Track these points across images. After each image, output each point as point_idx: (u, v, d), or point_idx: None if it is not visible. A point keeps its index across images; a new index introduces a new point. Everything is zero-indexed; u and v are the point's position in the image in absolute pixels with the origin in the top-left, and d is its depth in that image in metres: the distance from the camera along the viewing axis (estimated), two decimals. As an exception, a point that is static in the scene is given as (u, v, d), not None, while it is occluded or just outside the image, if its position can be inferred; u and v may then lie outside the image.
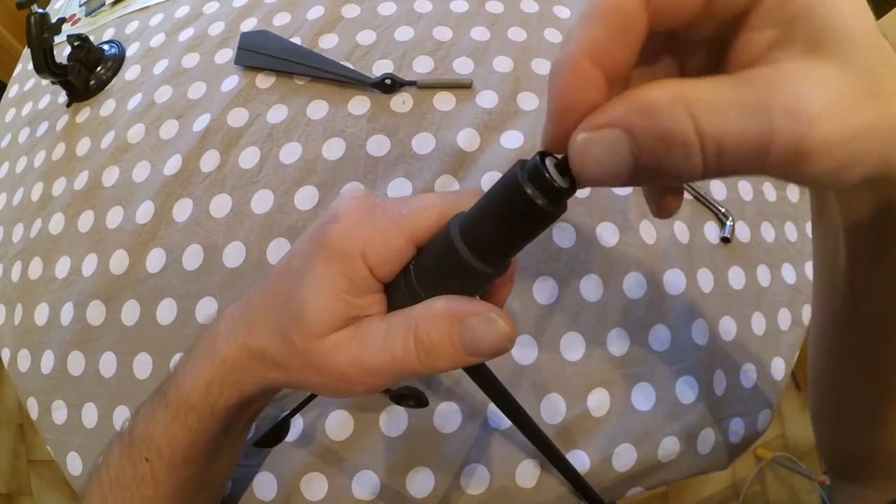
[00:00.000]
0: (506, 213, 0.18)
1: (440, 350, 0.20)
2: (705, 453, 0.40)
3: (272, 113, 0.49)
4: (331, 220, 0.22)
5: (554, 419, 0.39)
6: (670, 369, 0.40)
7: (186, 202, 0.46)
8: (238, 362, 0.24)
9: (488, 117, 0.47)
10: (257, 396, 0.26)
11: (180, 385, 0.26)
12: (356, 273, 0.21)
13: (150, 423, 0.27)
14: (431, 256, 0.21)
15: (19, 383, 0.46)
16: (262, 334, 0.23)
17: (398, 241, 0.21)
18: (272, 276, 0.24)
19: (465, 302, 0.20)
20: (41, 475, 1.31)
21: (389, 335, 0.20)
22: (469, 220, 0.19)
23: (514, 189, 0.17)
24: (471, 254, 0.19)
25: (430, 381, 0.39)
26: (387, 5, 0.54)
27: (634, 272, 0.42)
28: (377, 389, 0.22)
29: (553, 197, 0.16)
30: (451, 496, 0.37)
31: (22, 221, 0.51)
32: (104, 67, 0.56)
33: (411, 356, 0.20)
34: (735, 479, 1.22)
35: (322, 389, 0.23)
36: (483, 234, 0.19)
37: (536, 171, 0.16)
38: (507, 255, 0.20)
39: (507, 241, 0.19)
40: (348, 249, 0.21)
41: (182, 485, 0.28)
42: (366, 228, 0.21)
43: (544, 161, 0.17)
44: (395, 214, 0.21)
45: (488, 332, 0.19)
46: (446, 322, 0.19)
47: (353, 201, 0.22)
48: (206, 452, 0.28)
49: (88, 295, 0.45)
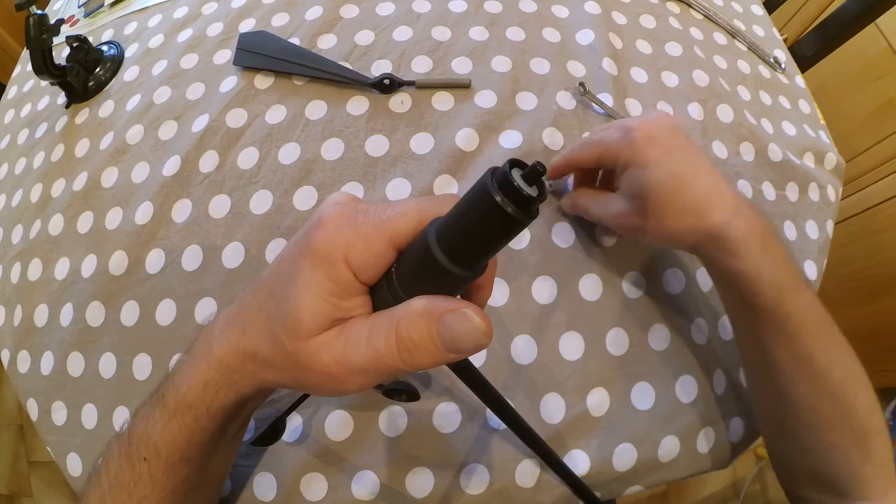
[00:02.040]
0: (478, 219, 0.18)
1: (420, 347, 0.20)
2: (705, 453, 0.40)
3: (271, 113, 0.49)
4: (315, 225, 0.22)
5: (553, 419, 0.39)
6: (670, 369, 0.40)
7: (185, 203, 0.46)
8: (232, 363, 0.25)
9: (487, 117, 0.47)
10: (252, 396, 0.27)
11: (178, 385, 0.27)
12: (340, 276, 0.21)
13: (149, 423, 0.27)
14: (411, 260, 0.21)
15: (19, 384, 0.46)
16: (254, 335, 0.24)
17: (379, 245, 0.21)
18: (263, 279, 0.25)
19: (442, 300, 0.21)
20: (41, 476, 1.31)
21: (372, 334, 0.21)
22: (444, 225, 0.20)
23: (485, 196, 0.17)
24: (446, 258, 0.19)
25: (429, 381, 0.39)
26: (385, 5, 0.54)
27: (634, 272, 0.42)
28: (365, 387, 0.23)
29: (522, 204, 0.17)
30: (451, 496, 0.37)
31: (21, 222, 0.51)
32: (103, 68, 0.56)
33: (393, 354, 0.21)
34: (735, 479, 1.22)
35: (313, 388, 0.24)
36: (457, 238, 0.19)
37: (505, 179, 0.17)
38: (481, 259, 0.20)
39: (480, 245, 0.19)
40: (332, 254, 0.21)
41: (179, 483, 0.28)
42: (348, 234, 0.22)
43: (512, 170, 0.17)
44: (376, 220, 0.22)
45: (465, 327, 0.20)
46: (425, 320, 0.20)
47: (337, 207, 0.23)
48: (202, 451, 0.28)
49: (88, 296, 0.45)
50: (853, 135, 1.04)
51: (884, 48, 0.95)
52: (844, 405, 0.33)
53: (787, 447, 0.37)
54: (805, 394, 0.33)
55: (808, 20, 0.96)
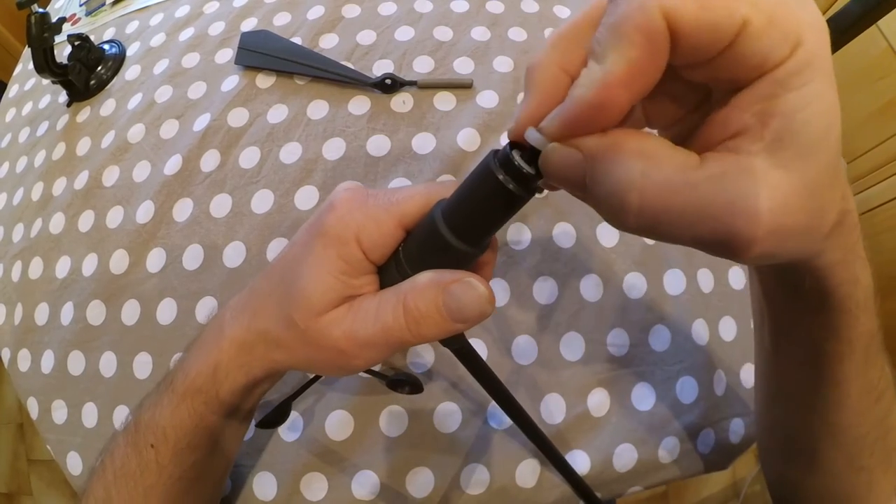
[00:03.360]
0: (481, 196, 0.19)
1: (427, 317, 0.21)
2: (705, 453, 0.40)
3: (272, 113, 0.49)
4: (327, 209, 0.23)
5: (554, 419, 0.39)
6: (670, 369, 0.40)
7: (186, 202, 0.46)
8: (244, 345, 0.26)
9: (489, 117, 0.47)
10: (262, 379, 0.27)
11: (187, 370, 0.27)
12: (351, 255, 0.22)
13: (157, 409, 0.28)
14: (418, 239, 0.22)
15: (19, 383, 0.46)
16: (265, 316, 0.25)
17: (389, 226, 0.22)
18: (274, 264, 0.26)
19: (447, 273, 0.21)
20: (41, 475, 1.31)
21: (380, 308, 0.22)
22: (450, 204, 0.21)
23: (488, 175, 0.19)
24: (452, 234, 0.20)
25: (429, 381, 0.39)
26: (387, 5, 0.54)
27: (634, 272, 0.42)
28: (373, 362, 0.23)
29: (522, 182, 0.18)
30: (451, 496, 0.37)
31: (22, 221, 0.51)
32: (104, 67, 0.56)
33: (401, 325, 0.21)
34: (735, 479, 1.22)
35: (323, 366, 0.25)
36: (462, 216, 0.20)
37: (507, 159, 0.18)
38: (485, 235, 0.21)
39: (484, 222, 0.20)
40: (344, 234, 0.22)
41: (185, 471, 0.28)
42: (359, 215, 0.23)
43: (513, 151, 0.18)
44: (385, 202, 0.23)
45: (469, 296, 0.21)
46: (431, 291, 0.21)
47: (348, 192, 0.24)
48: (209, 438, 0.28)
49: (89, 295, 0.45)
50: (854, 136, 1.04)
51: (885, 50, 0.95)
52: (885, 426, 0.28)
53: (805, 473, 0.32)
54: (859, 422, 0.28)
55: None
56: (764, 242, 0.15)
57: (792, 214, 0.15)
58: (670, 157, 0.15)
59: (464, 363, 0.28)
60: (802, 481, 0.33)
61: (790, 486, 0.35)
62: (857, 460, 0.30)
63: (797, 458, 0.33)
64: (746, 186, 0.14)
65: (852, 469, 0.30)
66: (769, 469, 0.37)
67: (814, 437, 0.30)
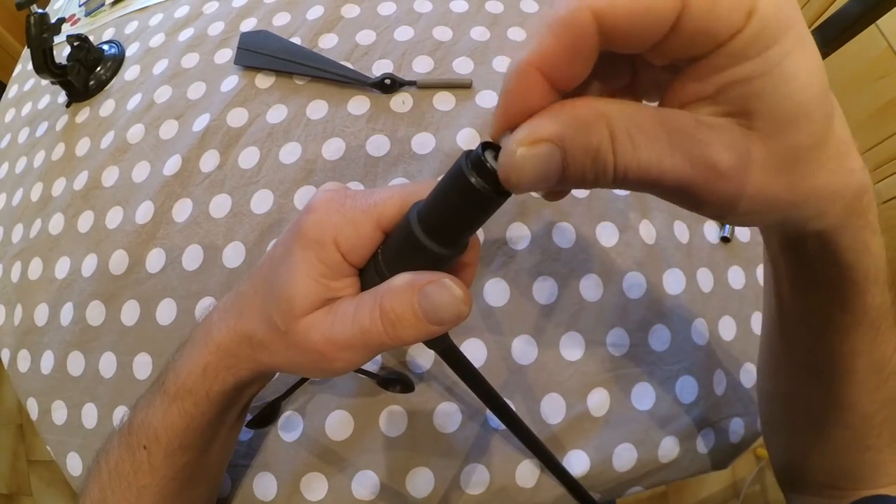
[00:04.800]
0: (454, 198, 0.19)
1: (403, 319, 0.21)
2: (705, 453, 0.40)
3: (272, 113, 0.49)
4: (306, 211, 0.24)
5: (554, 419, 0.39)
6: (670, 369, 0.40)
7: (186, 202, 0.46)
8: (230, 347, 0.26)
9: (488, 117, 0.47)
10: (250, 381, 0.27)
11: (178, 371, 0.27)
12: (330, 258, 0.22)
13: (149, 410, 0.28)
14: (395, 241, 0.22)
15: (19, 384, 0.46)
16: (250, 319, 0.25)
17: (367, 228, 0.22)
18: (259, 266, 0.26)
19: (423, 274, 0.21)
20: (41, 475, 1.31)
21: (358, 310, 0.22)
22: (425, 206, 0.21)
23: (460, 177, 0.18)
24: (426, 237, 0.20)
25: (430, 381, 0.39)
26: (386, 5, 0.54)
27: (634, 272, 0.42)
28: (353, 364, 0.23)
29: (495, 183, 0.18)
30: (451, 496, 0.37)
31: (21, 221, 0.51)
32: (104, 67, 0.56)
33: (378, 328, 0.21)
34: (735, 479, 1.22)
35: (305, 368, 0.25)
36: (436, 218, 0.20)
37: (479, 160, 0.18)
38: (460, 237, 0.21)
39: (458, 223, 0.20)
40: (322, 237, 0.22)
41: (178, 472, 0.29)
42: (337, 218, 0.23)
43: (485, 152, 0.18)
44: (363, 204, 0.23)
45: (444, 297, 0.20)
46: (406, 292, 0.21)
47: (327, 194, 0.24)
48: (201, 438, 0.28)
49: (88, 295, 0.45)
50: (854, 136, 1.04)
51: (884, 49, 0.95)
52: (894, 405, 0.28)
53: (810, 448, 0.32)
54: (867, 400, 0.28)
55: (808, 21, 0.96)
56: (720, 197, 0.16)
57: (758, 174, 0.16)
58: (631, 113, 0.16)
59: (450, 365, 0.27)
60: (807, 458, 0.33)
61: (794, 465, 0.35)
62: (863, 439, 0.30)
63: (803, 433, 0.33)
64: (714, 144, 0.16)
65: (858, 448, 0.30)
66: (773, 445, 0.36)
67: (818, 410, 0.30)
